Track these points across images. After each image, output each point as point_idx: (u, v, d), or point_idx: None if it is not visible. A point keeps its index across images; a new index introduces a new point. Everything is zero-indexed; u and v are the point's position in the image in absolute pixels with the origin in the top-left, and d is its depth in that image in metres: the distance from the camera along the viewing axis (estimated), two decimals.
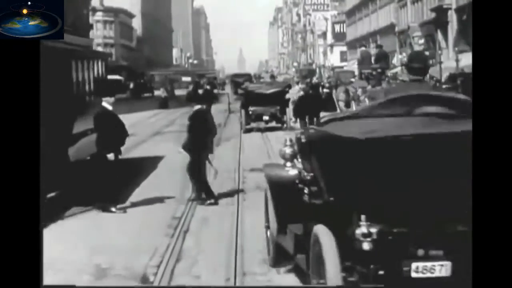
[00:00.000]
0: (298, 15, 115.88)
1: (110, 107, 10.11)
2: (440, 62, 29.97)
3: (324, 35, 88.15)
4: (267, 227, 6.81)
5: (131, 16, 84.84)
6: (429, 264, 4.80)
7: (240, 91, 27.50)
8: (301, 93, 21.53)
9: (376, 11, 62.83)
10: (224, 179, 12.10)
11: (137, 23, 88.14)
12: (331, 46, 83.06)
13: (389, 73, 23.14)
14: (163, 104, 35.01)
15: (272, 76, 37.54)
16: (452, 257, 4.79)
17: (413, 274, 4.81)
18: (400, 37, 52.42)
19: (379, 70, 20.73)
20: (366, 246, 4.76)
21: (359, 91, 20.74)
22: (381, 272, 4.84)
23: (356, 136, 4.97)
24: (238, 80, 43.63)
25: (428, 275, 4.81)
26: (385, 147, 4.93)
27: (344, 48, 78.07)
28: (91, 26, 60.88)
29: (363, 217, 4.75)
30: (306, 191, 5.69)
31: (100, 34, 76.30)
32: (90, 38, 16.81)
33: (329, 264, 4.82)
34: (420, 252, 4.82)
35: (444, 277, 4.80)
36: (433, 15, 42.88)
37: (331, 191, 5.18)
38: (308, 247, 5.27)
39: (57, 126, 9.90)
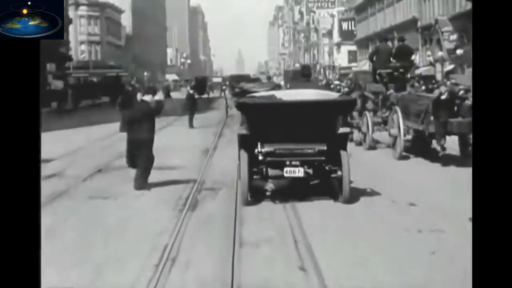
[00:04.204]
0: (300, 13, 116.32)
1: None
2: None
3: (329, 33, 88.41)
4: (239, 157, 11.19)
5: (119, 11, 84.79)
6: (292, 168, 9.97)
7: (236, 90, 29.73)
8: None
9: (393, 5, 61.15)
10: None
11: (126, 20, 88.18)
12: (338, 45, 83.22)
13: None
14: None
15: (269, 77, 43.60)
16: (303, 165, 9.96)
17: (285, 174, 10.04)
18: (424, 33, 49.44)
19: (401, 70, 18.13)
20: (260, 157, 10.01)
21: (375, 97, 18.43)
22: (269, 173, 10.12)
23: (248, 101, 10.28)
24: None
25: (292, 175, 10.03)
26: (264, 107, 10.11)
27: (353, 47, 78.19)
28: (70, 21, 60.19)
29: (258, 143, 10.01)
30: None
31: (84, 31, 76.21)
32: None
33: (242, 170, 10.03)
34: (288, 162, 10.00)
35: (300, 177, 10.04)
36: (469, 6, 38.25)
37: (245, 130, 10.53)
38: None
39: None
